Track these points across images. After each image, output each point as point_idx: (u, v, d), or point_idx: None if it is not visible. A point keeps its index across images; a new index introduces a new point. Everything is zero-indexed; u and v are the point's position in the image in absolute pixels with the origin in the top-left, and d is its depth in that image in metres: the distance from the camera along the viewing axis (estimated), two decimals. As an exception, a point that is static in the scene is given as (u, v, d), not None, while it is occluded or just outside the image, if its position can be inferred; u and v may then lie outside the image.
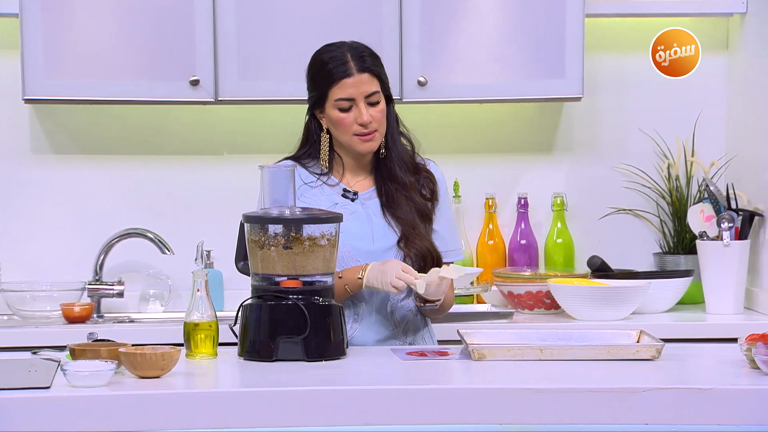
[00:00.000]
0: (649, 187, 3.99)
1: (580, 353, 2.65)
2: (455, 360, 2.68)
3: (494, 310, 3.67)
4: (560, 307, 3.64)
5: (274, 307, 2.69)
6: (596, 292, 3.54)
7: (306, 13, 3.64)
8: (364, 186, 2.97)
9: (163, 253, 3.75)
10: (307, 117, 2.98)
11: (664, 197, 3.97)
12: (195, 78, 3.61)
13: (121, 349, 2.48)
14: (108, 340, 2.76)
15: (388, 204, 2.93)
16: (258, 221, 2.73)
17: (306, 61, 3.69)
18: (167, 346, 2.53)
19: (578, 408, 2.35)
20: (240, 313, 2.72)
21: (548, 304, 3.68)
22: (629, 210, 4.00)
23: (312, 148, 2.97)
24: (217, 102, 3.66)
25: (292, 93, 3.66)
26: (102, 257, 3.77)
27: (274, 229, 2.72)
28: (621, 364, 2.61)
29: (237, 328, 2.73)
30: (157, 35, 3.59)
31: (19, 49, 3.56)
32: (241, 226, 2.80)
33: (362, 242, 2.90)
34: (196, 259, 2.82)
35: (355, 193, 2.95)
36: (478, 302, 3.86)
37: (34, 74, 3.56)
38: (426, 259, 2.90)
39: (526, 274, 3.73)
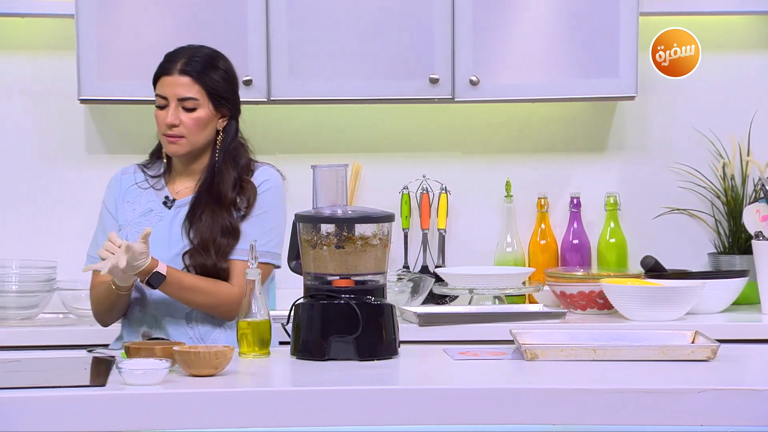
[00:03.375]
0: (703, 187, 3.95)
1: (634, 354, 2.63)
2: (508, 360, 2.67)
3: (546, 310, 3.66)
4: (613, 307, 3.61)
5: (326, 306, 2.69)
6: (650, 293, 3.51)
7: (357, 14, 3.64)
8: (187, 193, 2.94)
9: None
10: None
11: (719, 197, 3.93)
12: (248, 78, 3.62)
13: (176, 348, 2.49)
14: (162, 339, 2.79)
15: (192, 215, 2.89)
16: (310, 221, 2.74)
17: (357, 61, 3.70)
18: (221, 345, 2.55)
19: (633, 409, 2.34)
20: (293, 312, 2.73)
21: (601, 304, 3.66)
22: (684, 210, 3.97)
23: (159, 146, 2.98)
24: (270, 102, 3.67)
25: (343, 93, 3.68)
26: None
27: (327, 228, 2.72)
28: (675, 365, 2.59)
29: (290, 327, 2.74)
30: (209, 36, 3.60)
31: (75, 50, 3.60)
32: (294, 225, 2.81)
33: (158, 248, 2.85)
34: (249, 259, 2.82)
35: (173, 200, 2.93)
36: (530, 302, 3.84)
37: (88, 75, 3.60)
38: (206, 274, 2.85)
39: (579, 274, 3.71)
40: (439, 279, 3.78)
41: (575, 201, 3.93)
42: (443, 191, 3.92)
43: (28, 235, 3.84)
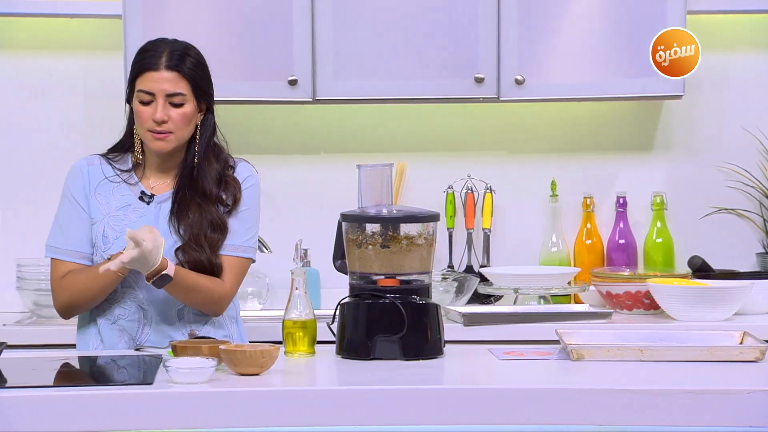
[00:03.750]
0: (752, 186, 3.91)
1: (682, 354, 2.61)
2: (553, 360, 2.66)
3: (592, 310, 3.64)
4: (660, 307, 3.59)
5: (371, 305, 2.69)
6: (697, 293, 3.49)
7: (403, 13, 3.64)
8: (164, 188, 2.90)
9: (261, 251, 3.78)
10: (128, 108, 2.92)
11: (767, 196, 3.89)
12: (293, 78, 3.63)
13: (222, 347, 2.50)
14: (208, 338, 2.80)
15: (179, 210, 2.85)
16: (355, 220, 2.74)
17: (403, 61, 3.70)
18: (266, 344, 2.56)
19: (680, 409, 2.32)
20: (338, 311, 2.73)
21: (647, 304, 3.63)
22: (731, 209, 3.93)
23: (126, 139, 2.92)
24: (315, 101, 3.68)
25: (388, 92, 3.68)
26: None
27: (372, 228, 2.72)
28: (723, 366, 2.56)
29: (335, 327, 2.75)
30: (255, 36, 3.63)
31: (123, 51, 3.62)
32: (339, 224, 2.81)
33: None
34: (294, 258, 2.83)
35: (151, 196, 2.88)
36: (576, 302, 3.83)
37: (135, 75, 3.61)
38: (200, 269, 2.82)
39: (625, 273, 3.69)
40: (483, 279, 3.78)
41: (621, 200, 3.91)
42: (488, 191, 3.91)
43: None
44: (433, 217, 2.75)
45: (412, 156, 3.93)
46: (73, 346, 2.95)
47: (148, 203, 2.87)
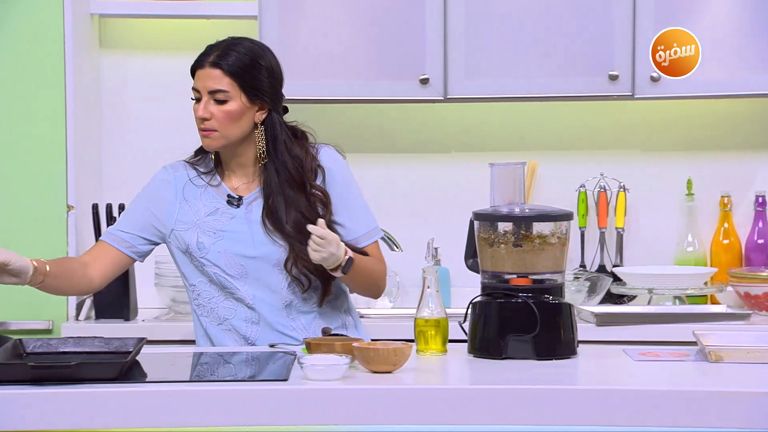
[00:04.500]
0: None
1: (825, 358, 2.54)
2: (690, 362, 2.61)
3: (730, 311, 3.57)
4: (800, 309, 3.50)
5: (503, 305, 2.68)
6: (840, 295, 3.39)
7: (535, 11, 3.61)
8: (249, 188, 2.88)
9: (392, 250, 3.79)
10: None
11: None
12: (425, 77, 3.64)
13: (355, 345, 2.52)
14: (341, 335, 2.82)
15: (270, 213, 2.83)
16: (488, 219, 2.73)
17: (535, 59, 3.67)
18: (399, 342, 2.56)
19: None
20: (469, 310, 2.73)
21: (787, 306, 3.55)
22: None
23: None
24: (446, 100, 3.68)
25: (521, 90, 3.66)
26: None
27: (504, 226, 2.71)
28: None
29: (466, 325, 2.74)
30: (388, 35, 3.64)
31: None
32: (471, 223, 2.81)
33: (244, 247, 2.83)
34: (426, 257, 2.84)
35: (239, 199, 2.87)
36: (713, 303, 3.76)
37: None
38: (312, 268, 2.81)
39: (764, 274, 3.61)
40: (616, 278, 3.73)
41: (760, 200, 3.82)
42: (621, 189, 3.86)
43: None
44: (567, 216, 2.72)
45: (544, 154, 3.90)
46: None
47: (237, 206, 2.88)
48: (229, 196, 2.88)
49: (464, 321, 2.75)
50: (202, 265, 2.86)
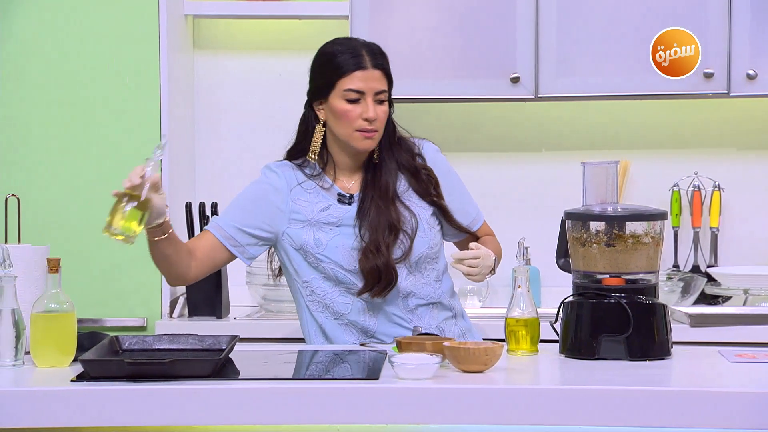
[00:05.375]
0: None
1: None
2: (788, 364, 2.57)
3: (827, 313, 3.49)
4: None
5: (596, 305, 2.66)
6: None
7: (626, 11, 3.58)
8: (355, 189, 2.89)
9: (482, 249, 3.78)
10: (306, 109, 2.90)
11: None
12: (515, 75, 3.62)
13: (446, 344, 2.52)
14: (432, 334, 2.82)
15: (361, 210, 2.84)
16: (580, 218, 2.71)
17: (628, 56, 3.64)
18: (490, 342, 2.56)
19: None
20: (561, 310, 2.71)
21: None
22: None
23: (306, 142, 2.89)
24: (537, 99, 3.66)
25: (613, 88, 3.62)
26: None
27: (596, 226, 2.69)
28: None
29: (558, 325, 2.72)
30: (479, 34, 3.64)
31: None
32: (562, 223, 2.79)
33: (360, 241, 2.84)
34: (516, 256, 2.82)
35: (351, 197, 2.87)
36: (811, 303, 3.69)
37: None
38: (376, 276, 2.80)
39: None
40: (711, 279, 3.68)
41: None
42: (716, 189, 3.81)
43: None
44: (661, 216, 2.69)
45: (636, 153, 3.87)
46: (299, 339, 3.02)
47: (349, 203, 2.89)
48: (339, 194, 2.90)
49: (555, 321, 2.74)
50: (318, 261, 2.87)
